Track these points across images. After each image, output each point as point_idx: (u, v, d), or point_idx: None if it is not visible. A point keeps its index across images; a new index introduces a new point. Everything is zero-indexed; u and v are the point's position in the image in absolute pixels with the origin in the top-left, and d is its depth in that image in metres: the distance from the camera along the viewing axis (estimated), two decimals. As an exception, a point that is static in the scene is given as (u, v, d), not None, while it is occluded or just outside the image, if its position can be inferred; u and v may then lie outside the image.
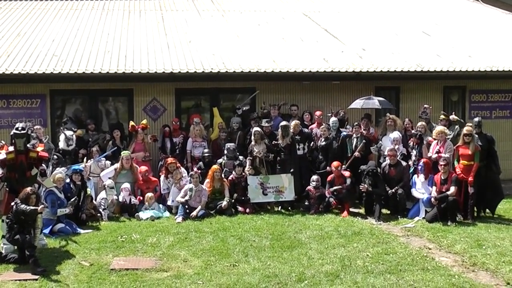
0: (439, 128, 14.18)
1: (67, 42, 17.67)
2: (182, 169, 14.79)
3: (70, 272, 9.55)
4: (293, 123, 15.14)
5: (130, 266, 9.74)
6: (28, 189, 10.38)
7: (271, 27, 20.59)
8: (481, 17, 23.71)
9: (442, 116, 15.15)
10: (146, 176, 14.57)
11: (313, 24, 21.10)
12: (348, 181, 14.00)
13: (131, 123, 15.60)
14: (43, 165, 12.31)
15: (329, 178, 14.14)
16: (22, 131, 11.22)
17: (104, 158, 14.88)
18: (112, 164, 14.83)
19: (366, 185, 13.59)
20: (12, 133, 11.26)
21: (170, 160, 14.64)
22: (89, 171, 14.45)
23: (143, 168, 14.69)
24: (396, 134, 14.50)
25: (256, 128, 14.67)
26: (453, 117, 15.17)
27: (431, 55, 18.17)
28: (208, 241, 11.34)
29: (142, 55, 16.85)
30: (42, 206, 10.34)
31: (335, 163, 14.05)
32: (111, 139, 15.57)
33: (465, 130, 13.47)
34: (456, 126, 14.92)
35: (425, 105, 15.72)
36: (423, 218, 13.14)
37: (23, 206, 9.99)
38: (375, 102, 15.48)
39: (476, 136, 13.48)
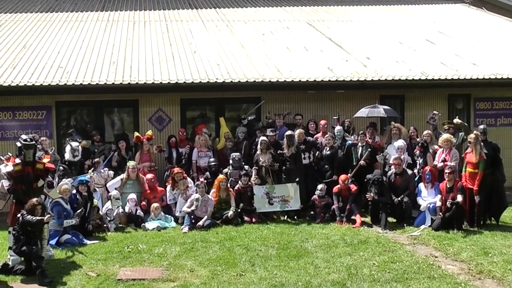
0: (444, 136, 14.16)
1: (73, 53, 17.73)
2: (189, 179, 14.82)
3: (77, 283, 9.57)
4: (297, 131, 15.17)
5: (137, 277, 9.75)
6: (34, 200, 10.41)
7: (276, 36, 20.65)
8: (485, 25, 23.76)
9: (446, 127, 15.13)
10: (152, 183, 14.60)
11: (318, 34, 21.16)
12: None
13: (136, 134, 15.65)
14: (49, 176, 12.34)
15: (335, 189, 14.12)
16: (31, 142, 11.27)
17: (106, 168, 14.91)
18: (116, 175, 14.87)
19: (372, 194, 13.59)
20: (20, 144, 11.28)
21: (176, 170, 14.67)
22: (94, 182, 14.49)
23: (149, 175, 14.73)
24: (400, 143, 14.50)
25: (263, 138, 14.68)
26: (456, 120, 15.09)
27: (436, 63, 18.21)
28: (215, 251, 11.35)
29: (147, 66, 16.90)
30: (48, 216, 10.37)
31: (342, 177, 14.01)
32: (117, 150, 15.63)
33: (469, 137, 13.46)
34: (461, 133, 14.88)
35: (434, 111, 15.71)
36: (429, 226, 13.13)
37: (29, 217, 10.03)
38: (380, 110, 15.51)
39: (481, 144, 13.47)
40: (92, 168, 14.66)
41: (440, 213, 12.90)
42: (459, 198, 12.84)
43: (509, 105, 18.26)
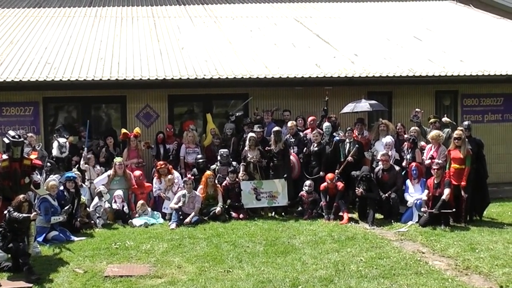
0: (433, 133, 14.15)
1: (60, 49, 17.67)
2: (176, 174, 14.82)
3: (64, 279, 9.53)
4: (290, 123, 15.33)
5: (124, 273, 9.73)
6: (21, 196, 10.36)
7: (263, 33, 20.65)
8: (472, 22, 23.85)
9: (432, 120, 15.19)
10: (140, 180, 14.58)
11: (305, 30, 21.18)
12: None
13: (123, 130, 15.61)
14: (37, 176, 12.26)
15: (322, 187, 14.13)
16: (20, 139, 11.22)
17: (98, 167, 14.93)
18: (104, 171, 14.85)
19: (361, 190, 13.62)
20: (8, 141, 11.21)
21: (160, 163, 14.69)
22: (89, 176, 14.48)
23: (137, 172, 14.72)
24: (388, 139, 14.54)
25: (251, 134, 14.69)
26: (445, 119, 15.18)
27: (423, 60, 18.28)
28: (202, 247, 11.35)
29: (135, 62, 16.87)
30: (35, 213, 10.30)
31: (329, 175, 14.01)
32: (104, 145, 15.59)
33: (455, 134, 13.54)
34: (448, 129, 14.92)
35: (416, 109, 15.76)
36: (416, 222, 13.17)
37: (15, 214, 9.98)
38: (365, 105, 15.51)
39: (466, 140, 13.54)
40: (78, 165, 14.62)
41: (426, 207, 12.94)
42: (446, 191, 12.88)
43: (496, 102, 18.36)
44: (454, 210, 12.96)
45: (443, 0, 27.30)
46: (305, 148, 15.20)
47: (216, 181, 14.32)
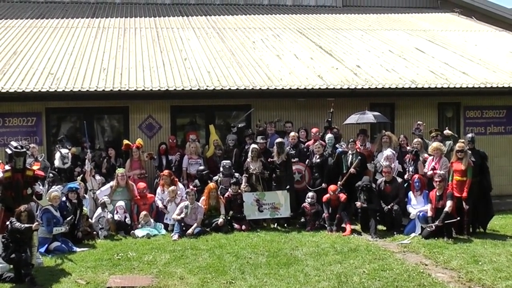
0: (434, 144, 14.19)
1: (63, 60, 17.67)
2: (180, 185, 14.81)
3: (66, 290, 9.54)
4: (292, 133, 15.46)
5: (127, 284, 9.72)
6: (21, 207, 10.37)
7: (266, 44, 20.67)
8: (474, 34, 23.89)
9: (433, 134, 15.18)
10: (144, 193, 14.57)
11: (308, 42, 21.21)
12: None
13: (125, 141, 15.62)
14: (40, 187, 12.24)
15: (324, 199, 14.12)
16: (22, 150, 11.22)
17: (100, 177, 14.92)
18: (106, 182, 14.84)
19: (360, 202, 13.60)
20: (11, 151, 11.20)
21: (165, 172, 14.70)
22: (92, 187, 14.49)
23: (142, 184, 14.69)
24: (389, 152, 14.50)
25: (254, 146, 14.70)
26: (447, 132, 15.23)
27: (426, 72, 18.29)
28: (204, 258, 11.33)
29: (138, 73, 16.87)
30: (36, 223, 10.31)
31: (332, 187, 14.01)
32: (106, 156, 15.59)
33: (457, 146, 13.55)
34: (450, 142, 14.94)
35: (418, 122, 15.79)
36: (419, 234, 13.15)
37: (17, 225, 9.99)
38: (370, 116, 15.55)
39: (469, 152, 13.54)
40: (82, 175, 14.62)
41: (432, 225, 12.89)
42: (449, 204, 12.86)
43: (498, 114, 18.38)
44: (458, 218, 12.92)
45: (445, 12, 27.36)
46: (307, 160, 15.20)
47: (219, 192, 14.31)
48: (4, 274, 10.12)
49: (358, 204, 13.67)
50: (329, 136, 15.37)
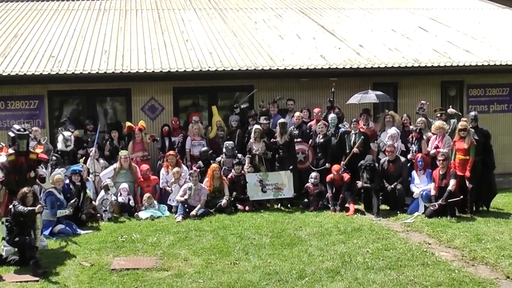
0: (437, 123, 14.17)
1: (64, 42, 17.65)
2: (184, 167, 14.81)
3: (71, 273, 9.55)
4: (297, 113, 15.41)
5: (131, 266, 9.75)
6: (25, 188, 10.34)
7: (268, 24, 20.59)
8: (477, 12, 23.77)
9: (438, 114, 15.13)
10: (147, 174, 14.57)
11: (310, 21, 21.12)
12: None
13: (128, 124, 15.60)
14: (43, 170, 12.24)
15: (328, 178, 14.11)
16: (25, 132, 11.21)
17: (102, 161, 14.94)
18: (108, 164, 14.84)
19: (361, 182, 13.61)
20: (14, 134, 11.20)
21: (170, 152, 14.70)
22: (94, 169, 14.48)
23: (145, 166, 14.70)
24: (393, 131, 14.47)
25: (257, 126, 14.67)
26: (450, 110, 15.21)
27: (429, 51, 18.22)
28: (208, 239, 11.35)
29: (139, 55, 16.85)
30: (40, 205, 10.29)
31: (335, 167, 13.99)
32: (109, 139, 15.58)
33: (460, 125, 13.53)
34: (454, 120, 14.92)
35: (422, 101, 15.73)
36: (423, 213, 13.16)
37: (20, 208, 9.98)
38: (372, 96, 15.49)
39: (472, 130, 13.51)
40: (84, 158, 14.64)
41: (435, 204, 12.89)
42: (452, 182, 12.86)
43: (502, 92, 18.27)
44: (461, 196, 12.92)
45: (448, -10, 27.20)
46: (311, 140, 15.18)
47: (222, 173, 14.31)
48: (8, 257, 10.14)
49: (359, 184, 13.68)
50: (332, 116, 15.33)
